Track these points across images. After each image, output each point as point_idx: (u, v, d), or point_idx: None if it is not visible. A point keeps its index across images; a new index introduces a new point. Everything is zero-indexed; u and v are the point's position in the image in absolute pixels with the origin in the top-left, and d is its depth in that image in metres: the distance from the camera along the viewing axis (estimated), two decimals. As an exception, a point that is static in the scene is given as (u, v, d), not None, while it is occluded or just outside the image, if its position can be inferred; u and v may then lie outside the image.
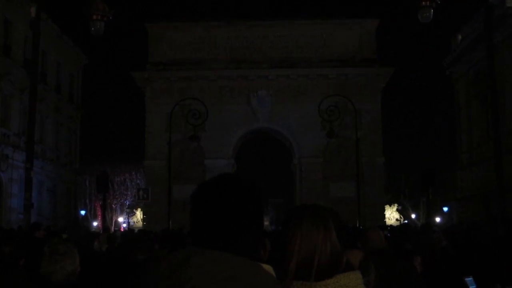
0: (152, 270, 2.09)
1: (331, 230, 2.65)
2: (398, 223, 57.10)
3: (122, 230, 49.18)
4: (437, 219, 53.44)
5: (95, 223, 55.69)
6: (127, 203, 58.81)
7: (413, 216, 61.17)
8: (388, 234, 17.46)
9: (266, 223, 66.63)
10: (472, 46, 39.52)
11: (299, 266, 2.57)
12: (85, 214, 55.86)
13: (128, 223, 58.84)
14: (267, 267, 2.35)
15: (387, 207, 52.69)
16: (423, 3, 16.34)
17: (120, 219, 59.40)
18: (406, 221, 58.47)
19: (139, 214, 58.70)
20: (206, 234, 2.25)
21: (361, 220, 33.76)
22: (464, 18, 43.54)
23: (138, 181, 54.76)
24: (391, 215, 62.51)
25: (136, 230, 30.22)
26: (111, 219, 56.61)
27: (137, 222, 59.20)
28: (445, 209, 54.37)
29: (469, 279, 4.89)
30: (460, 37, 43.66)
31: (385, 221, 44.78)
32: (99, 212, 55.34)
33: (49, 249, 5.00)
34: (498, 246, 7.74)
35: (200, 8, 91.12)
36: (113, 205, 57.23)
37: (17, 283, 5.63)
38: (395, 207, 63.92)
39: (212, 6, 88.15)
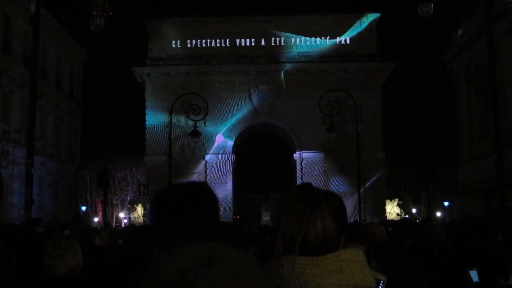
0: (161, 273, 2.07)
1: (321, 207, 2.63)
2: (399, 217, 57.13)
3: (123, 225, 49.25)
4: (438, 214, 53.45)
5: (96, 219, 55.73)
6: (128, 198, 58.83)
7: (414, 210, 61.17)
8: (390, 229, 17.46)
9: (267, 218, 66.48)
10: (473, 40, 39.52)
11: (286, 243, 2.56)
12: (86, 210, 55.90)
13: (129, 218, 58.87)
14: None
15: (387, 201, 52.71)
16: (423, -3, 16.33)
17: (121, 215, 59.43)
18: (406, 216, 58.49)
19: (140, 209, 58.74)
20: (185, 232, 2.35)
21: (362, 214, 33.81)
22: (465, 12, 43.56)
23: (138, 177, 54.80)
24: (392, 209, 62.56)
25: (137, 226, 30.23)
26: (112, 214, 56.63)
27: (138, 218, 59.24)
28: (446, 203, 54.38)
29: (473, 272, 4.89)
30: (460, 31, 43.63)
31: (386, 216, 44.83)
32: (99, 208, 55.40)
33: (52, 244, 5.02)
34: (500, 240, 7.74)
35: (200, 3, 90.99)
36: (114, 201, 57.25)
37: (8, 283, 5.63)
38: (395, 201, 63.94)
39: (212, 1, 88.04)
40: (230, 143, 44.11)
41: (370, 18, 45.12)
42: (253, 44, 44.63)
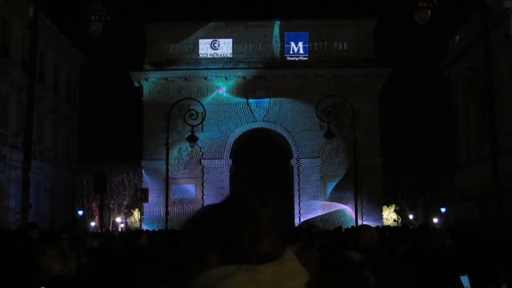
0: None
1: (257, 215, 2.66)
2: (396, 223, 57.06)
3: (119, 230, 49.19)
4: (435, 220, 53.39)
5: (92, 224, 55.67)
6: (125, 203, 58.74)
7: (410, 217, 61.09)
8: (387, 235, 17.49)
9: (263, 223, 66.38)
10: (470, 47, 39.61)
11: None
12: (83, 214, 55.84)
13: (126, 223, 58.80)
14: None
15: (384, 207, 52.67)
16: (420, 4, 16.37)
17: (118, 219, 59.35)
18: (404, 222, 58.41)
19: (136, 214, 58.69)
20: None
21: (359, 220, 33.79)
22: (462, 19, 43.66)
23: (136, 181, 54.70)
24: (389, 215, 62.48)
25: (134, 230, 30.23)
26: (109, 219, 56.57)
27: (134, 222, 59.16)
28: (443, 209, 54.34)
29: (464, 277, 4.89)
30: (457, 38, 43.74)
31: (383, 222, 44.80)
32: (96, 213, 55.34)
33: (47, 248, 5.05)
34: (494, 246, 7.76)
35: (198, 8, 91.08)
36: (110, 206, 57.18)
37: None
38: (392, 207, 63.85)
39: (210, 6, 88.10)
40: (227, 148, 44.11)
41: (367, 23, 45.18)
42: (250, 49, 44.70)
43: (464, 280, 4.81)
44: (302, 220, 41.73)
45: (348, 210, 40.50)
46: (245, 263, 2.57)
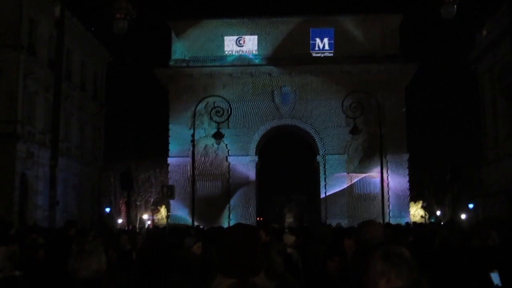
0: None
1: None
2: (423, 220, 56.70)
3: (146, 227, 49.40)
4: (463, 216, 52.94)
5: (119, 221, 55.99)
6: (152, 200, 58.95)
7: (438, 213, 60.64)
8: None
9: (290, 219, 66.32)
10: (497, 41, 39.24)
11: None
12: (110, 211, 56.17)
13: (153, 220, 59.02)
14: None
15: (411, 203, 52.31)
16: (447, -2, 16.17)
17: (145, 216, 59.62)
18: (432, 220, 58.04)
19: (163, 211, 58.86)
20: None
21: (386, 217, 33.63)
22: (489, 13, 43.21)
23: (162, 178, 54.91)
24: (416, 211, 62.08)
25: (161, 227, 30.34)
26: (136, 216, 56.83)
27: (161, 219, 59.35)
28: (471, 205, 53.84)
29: (494, 274, 4.83)
30: (484, 32, 43.32)
31: (410, 218, 44.53)
32: (123, 209, 55.64)
33: (76, 247, 5.07)
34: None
35: (223, 5, 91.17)
36: (137, 202, 57.44)
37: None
38: (419, 203, 63.42)
39: (234, 2, 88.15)
40: (253, 144, 44.09)
41: (393, 19, 44.84)
42: (276, 45, 44.59)
43: (494, 277, 4.74)
44: (328, 217, 41.44)
45: (376, 207, 40.22)
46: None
